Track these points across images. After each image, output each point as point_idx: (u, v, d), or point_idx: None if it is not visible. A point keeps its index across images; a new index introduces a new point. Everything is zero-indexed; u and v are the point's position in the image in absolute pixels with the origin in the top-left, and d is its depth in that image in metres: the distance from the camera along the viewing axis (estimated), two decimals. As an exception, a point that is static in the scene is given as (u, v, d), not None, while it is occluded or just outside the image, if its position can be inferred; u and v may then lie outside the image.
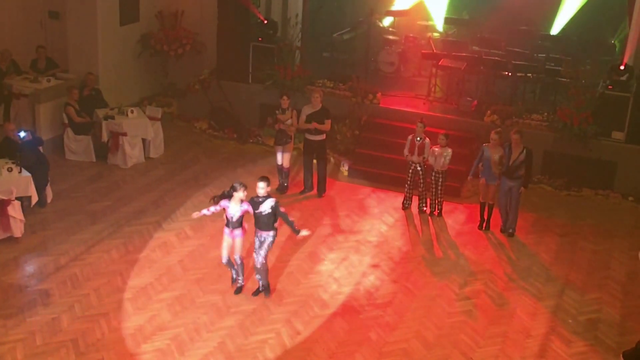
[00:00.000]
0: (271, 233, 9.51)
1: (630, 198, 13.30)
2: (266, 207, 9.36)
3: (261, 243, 9.56)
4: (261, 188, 9.36)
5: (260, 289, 9.86)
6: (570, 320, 9.71)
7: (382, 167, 13.49)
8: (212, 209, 9.60)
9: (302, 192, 12.92)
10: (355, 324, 9.39)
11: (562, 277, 10.73)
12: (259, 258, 9.58)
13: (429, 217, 12.37)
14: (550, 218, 12.56)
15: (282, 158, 12.72)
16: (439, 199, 12.34)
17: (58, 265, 10.27)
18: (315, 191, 12.90)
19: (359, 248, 11.27)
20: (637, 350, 8.76)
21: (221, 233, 9.87)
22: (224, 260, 9.76)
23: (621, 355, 8.95)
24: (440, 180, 12.16)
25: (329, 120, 12.54)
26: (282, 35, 16.05)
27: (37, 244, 10.80)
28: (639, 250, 10.75)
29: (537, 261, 11.16)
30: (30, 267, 10.20)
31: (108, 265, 10.36)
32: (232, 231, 9.58)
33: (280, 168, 12.84)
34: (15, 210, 10.64)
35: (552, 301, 10.12)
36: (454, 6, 17.31)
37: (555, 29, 16.63)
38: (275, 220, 9.50)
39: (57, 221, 11.47)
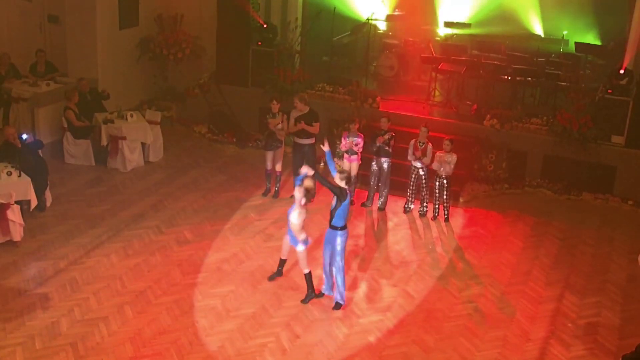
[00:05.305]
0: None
1: (630, 202, 13.30)
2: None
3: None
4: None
5: None
6: (570, 324, 9.69)
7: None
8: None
9: (292, 197, 12.85)
10: (355, 328, 9.37)
11: (561, 281, 10.72)
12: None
13: (429, 221, 12.36)
14: (550, 222, 12.56)
15: (272, 163, 12.71)
16: (446, 205, 12.34)
17: (57, 269, 10.25)
18: None
19: (359, 252, 11.25)
20: (637, 353, 8.74)
21: (222, 238, 11.25)
22: None
23: (621, 358, 8.94)
24: (446, 185, 12.16)
25: (318, 124, 12.46)
26: (282, 39, 16.06)
27: (36, 247, 10.78)
28: (638, 254, 10.73)
29: (536, 265, 11.15)
30: (29, 271, 10.16)
31: (107, 269, 10.35)
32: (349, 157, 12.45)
33: (269, 173, 12.82)
34: (14, 214, 10.63)
35: (551, 305, 10.11)
36: (453, 10, 17.33)
37: (554, 32, 16.66)
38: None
39: (56, 225, 11.46)
